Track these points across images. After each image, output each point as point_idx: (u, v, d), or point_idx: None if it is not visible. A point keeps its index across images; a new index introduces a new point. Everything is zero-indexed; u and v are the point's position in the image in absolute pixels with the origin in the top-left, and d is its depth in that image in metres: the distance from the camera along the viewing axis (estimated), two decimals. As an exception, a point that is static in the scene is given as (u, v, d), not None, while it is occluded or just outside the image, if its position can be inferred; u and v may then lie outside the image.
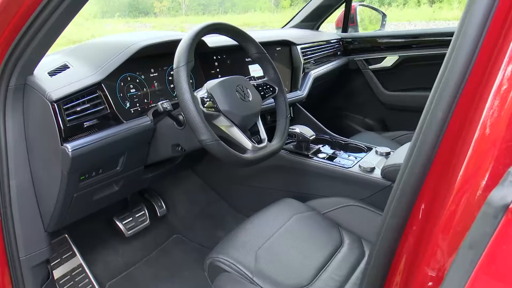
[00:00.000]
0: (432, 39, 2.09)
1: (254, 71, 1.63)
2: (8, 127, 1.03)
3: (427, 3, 16.34)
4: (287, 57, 1.81)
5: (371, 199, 1.36)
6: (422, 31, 2.15)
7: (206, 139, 0.99)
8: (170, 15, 19.30)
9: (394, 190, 0.63)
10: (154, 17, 18.47)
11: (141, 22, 15.68)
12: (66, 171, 1.03)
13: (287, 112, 1.28)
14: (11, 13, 0.88)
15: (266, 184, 1.63)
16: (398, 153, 1.37)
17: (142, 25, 15.07)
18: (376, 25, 2.79)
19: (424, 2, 16.26)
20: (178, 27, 14.90)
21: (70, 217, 1.21)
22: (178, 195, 1.86)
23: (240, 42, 1.24)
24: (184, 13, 19.73)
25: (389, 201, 0.64)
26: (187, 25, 14.95)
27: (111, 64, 1.12)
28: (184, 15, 18.89)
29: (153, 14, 18.90)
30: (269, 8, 20.11)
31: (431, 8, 15.63)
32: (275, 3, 20.85)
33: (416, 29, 6.05)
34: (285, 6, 20.08)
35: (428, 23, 12.88)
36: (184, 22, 15.89)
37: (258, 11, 19.17)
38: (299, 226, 1.25)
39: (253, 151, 1.12)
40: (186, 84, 0.99)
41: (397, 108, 2.29)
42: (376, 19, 2.79)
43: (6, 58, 0.95)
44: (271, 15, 17.50)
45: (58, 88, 1.01)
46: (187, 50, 1.03)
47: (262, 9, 19.50)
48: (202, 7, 20.41)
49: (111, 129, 1.11)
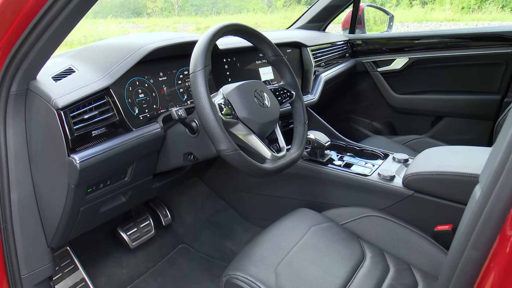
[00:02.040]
0: (443, 40, 2.04)
1: (264, 74, 1.56)
2: (9, 136, 0.95)
3: (419, 4, 16.41)
4: (297, 59, 1.74)
5: (391, 209, 1.30)
6: (433, 33, 2.10)
7: (226, 149, 0.92)
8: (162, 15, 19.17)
9: (472, 217, 0.54)
10: (147, 17, 18.33)
11: (133, 22, 15.53)
12: (73, 184, 0.95)
13: (305, 118, 1.22)
14: (13, 13, 0.80)
15: (278, 193, 1.56)
16: (419, 160, 1.31)
17: (135, 25, 14.93)
18: (381, 26, 2.74)
19: (416, 3, 16.33)
20: (171, 27, 14.79)
21: (75, 231, 1.13)
22: (184, 203, 1.79)
23: (256, 43, 1.17)
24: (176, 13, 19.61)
25: (464, 229, 0.55)
26: (180, 26, 14.84)
27: (120, 67, 1.04)
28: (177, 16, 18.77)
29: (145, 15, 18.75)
30: (262, 8, 20.06)
31: (423, 9, 15.70)
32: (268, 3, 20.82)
33: (427, 30, 6.03)
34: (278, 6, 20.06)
35: (420, 24, 12.93)
36: (177, 22, 15.78)
37: (251, 11, 19.12)
38: (318, 238, 1.19)
39: (272, 160, 1.05)
40: (204, 89, 0.92)
41: (406, 111, 2.23)
42: (380, 20, 2.74)
43: (7, 62, 0.88)
44: (264, 16, 17.46)
45: (64, 94, 0.93)
46: (204, 53, 0.96)
47: (254, 10, 19.46)
48: (195, 8, 20.30)
49: (120, 137, 1.03)
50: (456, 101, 2.07)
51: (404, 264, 1.13)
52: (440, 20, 13.65)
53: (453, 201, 1.18)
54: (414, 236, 1.20)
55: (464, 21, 13.27)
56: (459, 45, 1.99)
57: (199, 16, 18.28)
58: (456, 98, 2.07)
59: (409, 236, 1.20)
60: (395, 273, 1.09)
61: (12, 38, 0.84)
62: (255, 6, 20.05)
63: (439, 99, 2.11)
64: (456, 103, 2.07)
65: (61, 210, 1.02)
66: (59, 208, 1.02)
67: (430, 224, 1.22)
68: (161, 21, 16.69)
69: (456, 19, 13.77)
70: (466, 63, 2.00)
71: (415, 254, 1.17)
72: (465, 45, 1.98)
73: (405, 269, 1.12)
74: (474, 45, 1.97)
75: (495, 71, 1.95)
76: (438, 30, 2.16)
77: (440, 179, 1.18)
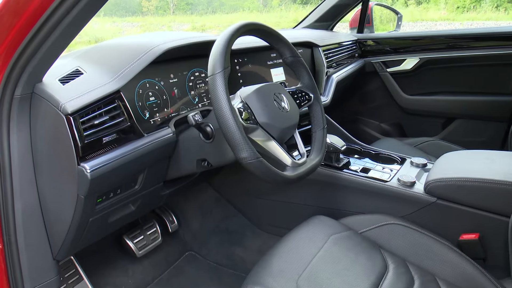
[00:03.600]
0: (455, 40, 1.99)
1: (276, 75, 1.50)
2: (13, 142, 0.89)
3: (414, 3, 16.44)
4: (308, 60, 1.69)
5: (412, 216, 1.24)
6: (445, 32, 2.05)
7: (247, 156, 0.86)
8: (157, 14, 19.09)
9: None
10: (142, 16, 18.23)
11: (128, 21, 15.42)
12: (83, 195, 0.89)
13: (324, 122, 1.16)
14: (18, 11, 0.74)
15: (291, 199, 1.50)
16: (440, 165, 1.26)
17: (130, 24, 14.82)
18: (387, 25, 2.70)
19: (411, 2, 16.36)
20: (166, 26, 14.71)
21: (82, 243, 1.07)
22: (191, 209, 1.72)
23: (273, 43, 1.11)
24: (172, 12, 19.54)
25: None
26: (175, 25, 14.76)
27: (132, 69, 0.98)
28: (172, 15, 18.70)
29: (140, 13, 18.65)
30: (257, 7, 20.04)
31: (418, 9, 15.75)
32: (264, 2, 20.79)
33: (438, 30, 5.99)
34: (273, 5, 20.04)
35: (415, 23, 12.94)
36: (172, 21, 15.71)
37: (246, 10, 19.08)
38: (338, 249, 1.13)
39: (292, 167, 0.99)
40: (224, 93, 0.86)
41: (416, 113, 2.19)
42: (387, 19, 2.69)
43: (12, 64, 0.81)
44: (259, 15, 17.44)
45: (72, 98, 0.86)
46: (222, 54, 0.90)
47: (250, 9, 19.43)
48: (190, 7, 20.24)
49: (132, 144, 0.97)
50: (468, 102, 2.02)
51: (429, 275, 1.08)
52: (435, 20, 13.69)
53: (480, 209, 1.13)
54: (437, 245, 1.14)
55: (459, 20, 13.33)
56: (471, 45, 1.95)
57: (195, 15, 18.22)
58: (468, 100, 2.02)
59: (432, 246, 1.15)
60: (420, 285, 1.04)
61: (17, 38, 0.78)
62: (250, 5, 20.02)
63: (451, 100, 2.07)
64: (468, 104, 2.02)
65: (69, 221, 0.95)
66: (66, 220, 0.95)
67: (454, 233, 1.17)
68: (156, 20, 16.59)
69: (451, 19, 13.82)
70: (478, 64, 1.96)
71: (440, 265, 1.12)
72: (477, 45, 1.93)
73: (430, 280, 1.07)
74: (487, 45, 1.92)
75: (508, 71, 1.91)
76: (450, 30, 2.11)
77: (466, 185, 1.13)
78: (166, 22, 15.96)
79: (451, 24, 12.90)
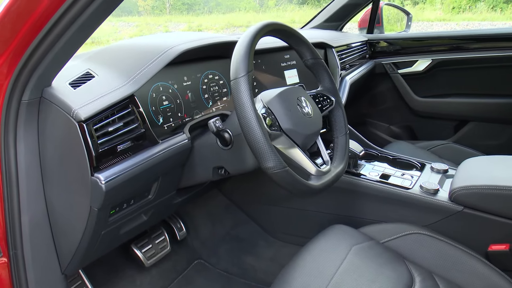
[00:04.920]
0: (469, 41, 1.94)
1: (290, 77, 1.45)
2: (20, 150, 0.83)
3: (410, 4, 16.45)
4: (321, 61, 1.63)
5: (437, 226, 1.19)
6: (458, 33, 2.00)
7: (273, 166, 0.80)
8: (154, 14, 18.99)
9: None
10: (138, 16, 18.12)
11: (124, 21, 15.30)
12: (96, 207, 0.83)
13: (346, 127, 1.10)
14: (27, 10, 0.68)
15: (307, 206, 1.44)
16: (464, 172, 1.21)
17: (126, 24, 14.71)
18: (395, 25, 2.65)
19: (407, 3, 16.37)
20: (162, 26, 14.61)
21: (92, 256, 1.01)
22: (200, 215, 1.66)
23: (294, 45, 1.05)
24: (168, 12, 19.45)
25: None
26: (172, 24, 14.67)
27: (146, 72, 0.92)
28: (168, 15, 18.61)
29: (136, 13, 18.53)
30: (253, 7, 20.00)
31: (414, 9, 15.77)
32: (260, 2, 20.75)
33: (451, 30, 5.95)
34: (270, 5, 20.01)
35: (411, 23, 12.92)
36: (168, 21, 15.62)
37: (243, 10, 19.03)
38: (361, 260, 1.07)
39: (317, 176, 0.94)
40: (249, 99, 0.80)
41: (428, 115, 2.13)
42: (394, 19, 2.65)
43: (20, 67, 0.75)
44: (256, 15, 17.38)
45: (85, 104, 0.80)
46: (246, 56, 0.84)
47: (246, 9, 19.38)
48: (187, 7, 20.15)
49: (146, 151, 0.91)
50: (483, 105, 1.97)
51: (457, 288, 1.03)
52: (431, 20, 13.70)
53: (510, 218, 1.08)
54: (465, 256, 1.09)
55: (455, 21, 13.35)
56: (485, 46, 1.90)
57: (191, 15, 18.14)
58: (483, 102, 1.97)
59: (459, 257, 1.09)
60: None
61: (26, 39, 0.71)
62: (247, 5, 19.97)
63: (464, 102, 2.02)
64: (483, 106, 1.97)
65: (80, 235, 0.89)
66: (77, 233, 0.89)
67: (482, 243, 1.12)
68: (153, 20, 16.48)
69: (447, 19, 13.84)
70: (493, 65, 1.91)
71: (468, 277, 1.07)
72: (492, 46, 1.89)
73: (459, 294, 1.02)
74: (501, 46, 1.87)
75: None
76: (463, 30, 2.07)
77: (494, 193, 1.07)
78: (162, 22, 15.88)
79: (447, 25, 12.92)
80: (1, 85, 0.77)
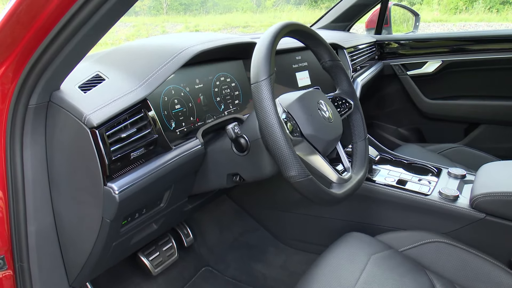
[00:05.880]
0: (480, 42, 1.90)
1: (301, 79, 1.40)
2: (26, 158, 0.78)
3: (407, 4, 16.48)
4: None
5: (457, 233, 1.15)
6: (469, 34, 1.97)
7: (297, 175, 0.76)
8: (150, 14, 18.89)
9: None
10: (135, 16, 18.01)
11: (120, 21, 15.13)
12: (109, 218, 0.78)
13: (365, 132, 1.06)
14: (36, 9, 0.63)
15: (321, 213, 1.40)
16: (484, 178, 1.17)
17: (123, 24, 14.61)
18: (401, 26, 2.61)
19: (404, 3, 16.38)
20: (159, 26, 14.53)
21: (102, 268, 0.96)
22: (207, 221, 1.61)
23: (312, 46, 1.01)
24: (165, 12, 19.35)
25: None
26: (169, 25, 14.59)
27: (160, 74, 0.87)
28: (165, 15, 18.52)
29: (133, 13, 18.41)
30: (251, 8, 19.94)
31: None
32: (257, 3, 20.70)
33: (462, 31, 5.90)
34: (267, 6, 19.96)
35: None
36: (165, 21, 15.53)
37: (240, 11, 18.98)
38: (381, 271, 1.03)
39: (338, 184, 0.90)
40: (271, 104, 0.76)
41: (437, 117, 2.10)
42: (400, 20, 2.61)
43: (28, 69, 0.70)
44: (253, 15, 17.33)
45: (97, 109, 0.75)
46: (267, 59, 0.79)
47: (243, 9, 19.32)
48: (184, 7, 20.06)
49: (160, 158, 0.86)
50: (494, 107, 1.94)
51: (482, 300, 0.99)
52: (428, 21, 13.69)
53: None
54: (488, 266, 1.05)
55: (452, 21, 13.36)
56: (497, 48, 1.86)
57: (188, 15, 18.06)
58: (494, 104, 1.94)
59: (482, 266, 1.05)
60: None
61: (35, 39, 0.67)
62: (244, 5, 19.91)
63: (475, 104, 1.98)
64: (495, 109, 1.94)
65: (90, 247, 0.84)
66: (87, 245, 0.85)
67: (505, 252, 1.08)
68: (149, 20, 16.38)
69: (444, 20, 13.85)
70: (505, 67, 1.87)
71: (491, 287, 1.03)
72: (504, 47, 1.85)
73: (483, 305, 0.98)
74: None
75: None
76: (475, 31, 2.03)
77: None
78: (159, 22, 15.79)
79: (444, 25, 12.92)
80: (7, 89, 0.72)
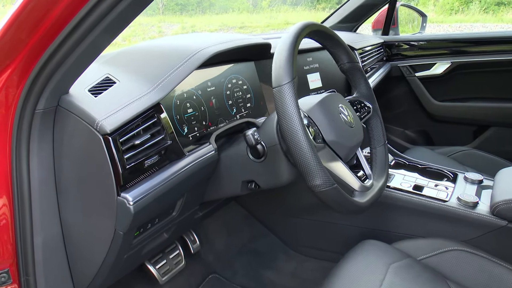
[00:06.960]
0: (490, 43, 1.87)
1: (312, 81, 1.36)
2: (33, 165, 0.74)
3: (404, 5, 16.48)
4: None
5: (477, 241, 1.11)
6: (479, 35, 1.94)
7: (321, 184, 0.72)
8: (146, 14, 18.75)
9: None
10: (131, 15, 17.91)
11: (117, 21, 15.10)
12: (122, 230, 0.73)
13: (384, 137, 1.02)
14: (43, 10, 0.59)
15: (334, 219, 1.35)
16: (504, 183, 1.14)
17: (118, 23, 14.52)
18: (406, 27, 2.57)
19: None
20: (156, 26, 14.45)
21: (111, 281, 0.92)
22: (214, 226, 1.57)
23: (330, 47, 0.97)
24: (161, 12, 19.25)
25: None
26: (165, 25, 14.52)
27: (174, 77, 0.83)
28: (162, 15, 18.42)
29: (129, 13, 18.31)
30: (247, 8, 19.89)
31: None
32: (254, 3, 20.65)
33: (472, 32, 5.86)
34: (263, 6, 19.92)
35: (405, 25, 12.92)
36: (161, 21, 15.45)
37: (236, 11, 18.92)
38: (400, 281, 0.99)
39: (361, 192, 0.86)
40: (295, 109, 0.71)
41: (446, 120, 2.06)
42: (405, 20, 2.57)
43: (36, 72, 0.66)
44: (249, 16, 17.28)
45: (110, 114, 0.71)
46: (289, 61, 0.75)
47: (240, 10, 19.27)
48: (180, 7, 19.98)
49: (173, 165, 0.82)
50: (504, 109, 1.91)
51: (506, 311, 0.95)
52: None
53: None
54: (511, 275, 1.02)
55: (447, 22, 13.38)
56: (508, 49, 1.83)
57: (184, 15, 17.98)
58: (505, 106, 1.90)
59: (505, 275, 1.02)
60: None
61: (43, 41, 0.62)
62: (240, 5, 19.86)
63: (485, 107, 1.95)
64: (505, 111, 1.91)
65: (101, 260, 0.80)
66: (97, 258, 0.80)
67: (528, 261, 1.04)
68: (145, 20, 16.27)
69: (440, 21, 13.87)
70: None
71: None
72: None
73: (508, 317, 0.94)
74: None
75: None
76: (485, 32, 2.00)
77: None
78: (155, 22, 15.70)
79: (440, 26, 12.94)
80: (13, 94, 0.68)
